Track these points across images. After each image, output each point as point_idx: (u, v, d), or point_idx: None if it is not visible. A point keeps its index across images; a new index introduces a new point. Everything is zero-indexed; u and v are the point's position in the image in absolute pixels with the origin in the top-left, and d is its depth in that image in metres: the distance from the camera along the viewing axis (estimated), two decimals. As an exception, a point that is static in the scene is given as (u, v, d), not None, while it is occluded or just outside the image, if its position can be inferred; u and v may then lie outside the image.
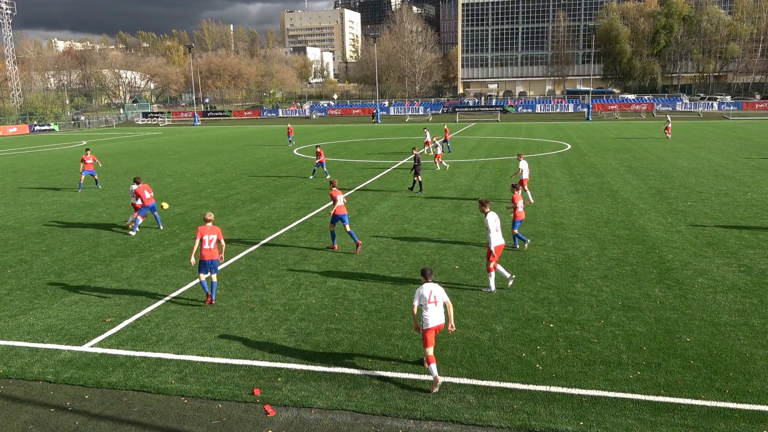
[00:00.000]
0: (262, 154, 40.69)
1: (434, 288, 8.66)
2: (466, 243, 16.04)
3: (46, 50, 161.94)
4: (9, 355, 9.86)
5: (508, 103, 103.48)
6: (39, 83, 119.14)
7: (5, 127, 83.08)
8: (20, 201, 25.03)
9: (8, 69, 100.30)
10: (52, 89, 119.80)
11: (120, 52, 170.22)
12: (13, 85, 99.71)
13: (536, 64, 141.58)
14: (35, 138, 72.72)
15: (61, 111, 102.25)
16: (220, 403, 8.17)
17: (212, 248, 11.71)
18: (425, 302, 8.58)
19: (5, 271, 14.66)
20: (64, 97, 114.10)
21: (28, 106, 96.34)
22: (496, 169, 30.33)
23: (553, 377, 8.60)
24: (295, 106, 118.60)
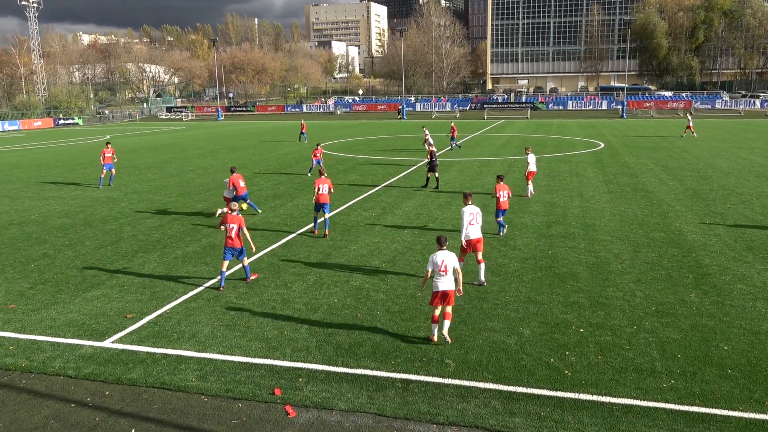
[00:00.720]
0: (285, 150, 40.97)
1: (447, 256, 9.73)
2: (492, 244, 15.93)
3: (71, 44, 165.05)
4: (31, 349, 10.08)
5: (538, 99, 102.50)
6: (64, 77, 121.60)
7: (30, 121, 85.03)
8: (44, 195, 25.58)
9: (34, 62, 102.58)
10: (77, 83, 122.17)
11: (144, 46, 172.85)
12: (38, 78, 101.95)
13: (568, 59, 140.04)
14: (59, 132, 74.26)
15: (85, 105, 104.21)
16: (240, 402, 8.25)
17: (233, 237, 12.52)
18: (437, 269, 9.70)
19: (28, 265, 15.00)
20: (88, 91, 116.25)
21: (53, 99, 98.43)
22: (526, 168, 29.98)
23: (583, 384, 8.50)
24: (320, 101, 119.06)
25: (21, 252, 16.29)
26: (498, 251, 15.20)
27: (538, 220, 18.62)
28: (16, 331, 10.84)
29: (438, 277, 9.72)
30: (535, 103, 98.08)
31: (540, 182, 25.63)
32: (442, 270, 9.68)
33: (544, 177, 27.11)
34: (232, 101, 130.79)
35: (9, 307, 12.07)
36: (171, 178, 29.60)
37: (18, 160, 40.77)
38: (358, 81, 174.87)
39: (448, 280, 9.71)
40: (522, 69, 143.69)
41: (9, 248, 16.71)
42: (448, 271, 9.70)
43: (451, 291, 9.76)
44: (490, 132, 55.31)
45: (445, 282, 9.69)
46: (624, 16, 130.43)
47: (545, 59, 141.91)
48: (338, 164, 33.37)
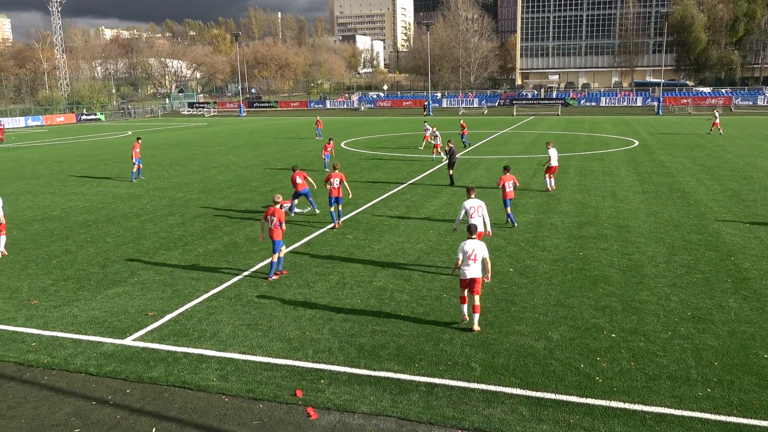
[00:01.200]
0: (308, 147, 41.19)
1: (477, 246, 10.35)
2: (521, 245, 15.84)
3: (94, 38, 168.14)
4: (53, 345, 10.30)
5: (570, 95, 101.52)
6: (86, 72, 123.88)
7: (53, 116, 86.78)
8: (66, 191, 26.09)
9: (57, 57, 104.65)
10: (99, 78, 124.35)
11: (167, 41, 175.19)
12: (61, 73, 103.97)
13: (602, 53, 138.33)
14: (82, 127, 75.66)
15: (107, 100, 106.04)
16: (261, 403, 8.33)
17: (272, 228, 13.16)
18: (467, 257, 10.32)
19: (51, 261, 15.32)
20: (111, 86, 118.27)
21: (75, 95, 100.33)
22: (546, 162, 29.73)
23: (614, 391, 8.41)
24: (343, 97, 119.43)
25: (43, 248, 16.65)
26: (527, 252, 15.10)
27: (568, 220, 18.46)
28: (39, 327, 11.09)
29: (466, 265, 10.35)
30: (566, 99, 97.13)
31: (571, 181, 25.40)
32: (472, 258, 10.31)
33: (575, 176, 26.86)
34: (254, 97, 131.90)
35: (31, 303, 12.35)
36: (193, 175, 29.97)
37: (41, 155, 41.64)
38: (382, 76, 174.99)
39: (476, 268, 10.36)
40: (553, 64, 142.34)
41: (32, 244, 17.09)
42: (477, 260, 10.33)
43: (479, 278, 10.39)
44: (519, 129, 54.93)
45: (472, 270, 10.34)
46: (661, 9, 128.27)
47: (577, 54, 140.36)
48: (362, 161, 33.45)
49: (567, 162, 31.38)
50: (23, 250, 16.45)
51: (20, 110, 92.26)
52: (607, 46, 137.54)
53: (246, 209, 21.26)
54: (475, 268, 10.33)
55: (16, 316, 11.67)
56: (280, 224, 13.20)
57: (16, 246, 16.91)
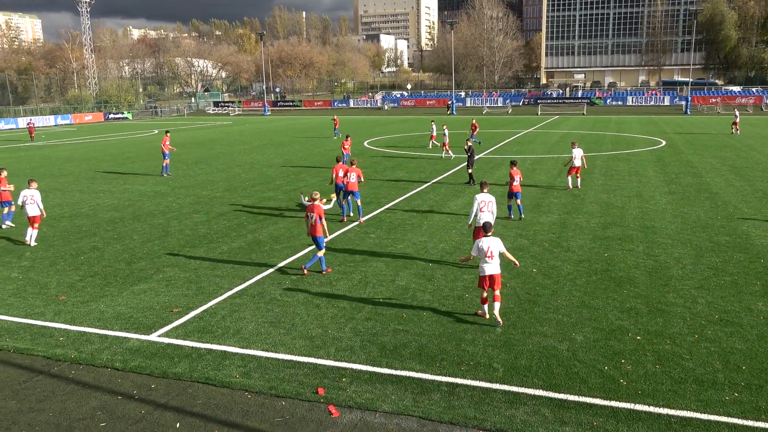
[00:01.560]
0: (331, 146, 41.33)
1: (492, 242, 10.58)
2: (545, 245, 15.72)
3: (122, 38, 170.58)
4: (80, 340, 10.49)
5: (595, 94, 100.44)
6: (114, 71, 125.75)
7: (81, 115, 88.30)
8: (94, 188, 26.53)
9: (85, 57, 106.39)
10: (126, 77, 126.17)
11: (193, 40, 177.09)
12: (89, 73, 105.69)
13: (628, 52, 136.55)
14: (109, 126, 76.84)
15: (135, 99, 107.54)
16: (284, 400, 8.38)
17: (313, 224, 13.51)
18: (483, 255, 10.55)
19: (78, 258, 15.59)
20: (138, 86, 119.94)
21: (103, 94, 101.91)
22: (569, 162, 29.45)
23: (639, 394, 8.31)
24: (367, 96, 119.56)
25: (72, 245, 16.95)
26: (550, 253, 14.99)
27: (593, 221, 18.27)
28: (66, 322, 11.29)
29: (484, 262, 10.57)
30: (592, 99, 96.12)
31: (596, 181, 25.14)
32: (488, 255, 10.53)
33: (600, 176, 26.57)
34: (278, 96, 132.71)
35: (60, 298, 12.58)
36: (218, 174, 30.26)
37: (70, 153, 42.39)
38: (406, 75, 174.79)
39: (494, 265, 10.57)
40: (578, 62, 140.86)
41: (61, 240, 17.41)
42: (494, 257, 10.54)
43: (497, 275, 10.61)
44: (544, 128, 54.50)
45: (491, 266, 10.56)
46: (689, 7, 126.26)
47: (603, 52, 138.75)
48: (385, 161, 33.47)
49: (592, 162, 31.05)
50: (52, 246, 16.76)
51: (50, 109, 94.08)
52: (634, 45, 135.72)
53: (269, 207, 21.41)
54: (493, 264, 10.54)
55: (45, 311, 11.91)
56: (320, 220, 13.46)
57: (45, 242, 17.24)
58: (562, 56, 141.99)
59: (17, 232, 18.47)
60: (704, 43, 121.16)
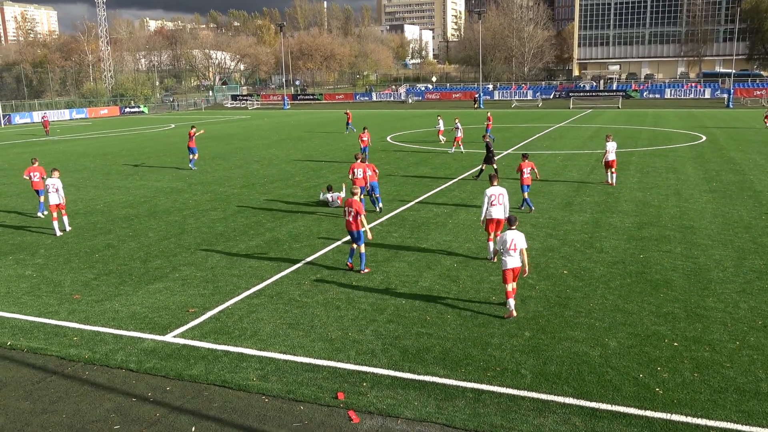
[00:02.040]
0: (353, 141, 41.39)
1: (516, 236, 10.96)
2: (576, 246, 15.58)
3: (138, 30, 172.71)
4: (95, 340, 10.65)
5: (631, 87, 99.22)
6: (130, 64, 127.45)
7: (97, 109, 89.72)
8: (109, 184, 26.92)
9: (101, 49, 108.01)
10: (143, 70, 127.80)
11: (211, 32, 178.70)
12: (105, 66, 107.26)
13: (667, 42, 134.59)
14: (125, 120, 77.92)
15: (151, 93, 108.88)
16: (302, 404, 8.43)
17: (350, 220, 13.58)
18: (505, 248, 10.98)
19: (93, 255, 15.84)
20: (154, 79, 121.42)
21: (119, 87, 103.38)
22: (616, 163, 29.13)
23: (675, 404, 8.19)
24: (390, 89, 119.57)
25: (86, 242, 17.22)
26: (582, 254, 14.85)
27: (628, 220, 18.07)
28: (80, 321, 11.48)
29: (507, 256, 11.00)
30: (627, 91, 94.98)
31: (632, 179, 24.84)
32: (511, 248, 10.98)
33: (636, 173, 26.25)
34: (298, 89, 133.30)
35: (74, 297, 12.79)
36: (235, 170, 30.50)
37: (85, 149, 43.07)
38: (431, 67, 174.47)
39: (516, 258, 11.01)
40: (613, 53, 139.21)
41: (75, 238, 17.70)
42: (516, 250, 10.99)
43: (518, 268, 11.06)
44: (576, 123, 54.01)
45: (513, 260, 11.00)
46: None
47: (640, 42, 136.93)
48: (409, 156, 33.45)
49: (628, 158, 30.70)
50: (66, 244, 17.05)
51: (65, 103, 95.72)
52: (672, 34, 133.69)
53: (289, 204, 21.52)
54: (515, 258, 11.01)
55: (59, 309, 12.12)
56: (358, 215, 13.51)
57: (60, 239, 17.55)
58: (595, 47, 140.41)
59: (33, 227, 18.82)
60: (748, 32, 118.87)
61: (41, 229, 18.79)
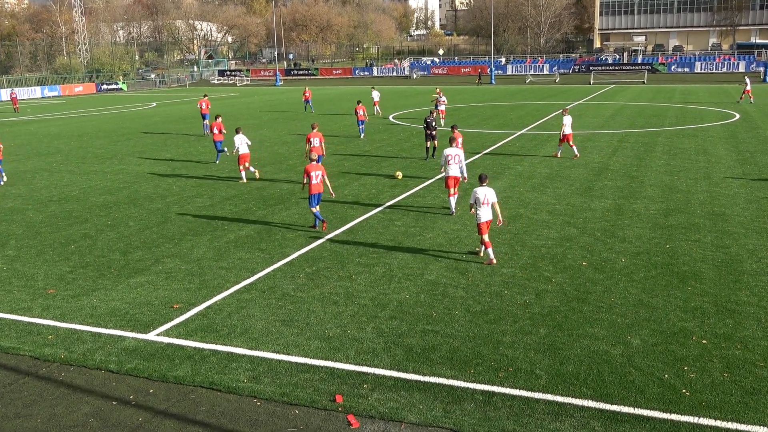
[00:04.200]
0: (352, 120, 41.32)
1: (487, 191, 13.57)
2: (597, 235, 15.60)
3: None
4: (71, 339, 10.71)
5: (658, 60, 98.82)
6: (107, 36, 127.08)
7: (71, 86, 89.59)
8: (85, 169, 26.95)
9: (75, 20, 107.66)
10: (121, 43, 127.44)
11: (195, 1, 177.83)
12: (79, 38, 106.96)
13: (697, 10, 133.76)
14: (102, 98, 77.83)
15: (130, 68, 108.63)
16: (297, 408, 8.49)
17: (319, 183, 15.90)
18: (479, 203, 13.49)
19: (69, 247, 15.89)
20: (133, 53, 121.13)
21: (95, 62, 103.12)
22: (640, 144, 29.17)
23: (704, 406, 8.24)
24: (393, 63, 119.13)
25: (61, 232, 17.27)
26: (603, 244, 14.87)
27: (653, 207, 18.07)
28: (56, 318, 11.54)
29: (480, 210, 13.51)
30: (653, 65, 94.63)
31: (657, 161, 24.82)
32: (484, 203, 13.50)
33: (662, 155, 26.22)
34: (292, 63, 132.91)
35: (48, 292, 12.86)
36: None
37: (59, 129, 43.07)
38: (438, 39, 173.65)
39: (488, 211, 13.55)
40: (638, 23, 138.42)
41: (48, 227, 17.75)
42: (489, 203, 13.54)
43: (490, 220, 13.60)
44: (597, 100, 53.86)
45: (486, 213, 13.54)
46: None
47: (668, 11, 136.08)
48: (412, 137, 33.41)
49: (653, 139, 30.65)
50: (39, 234, 17.11)
51: (36, 79, 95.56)
52: (704, 2, 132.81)
53: (282, 190, 21.55)
54: (487, 211, 13.53)
55: (32, 305, 12.18)
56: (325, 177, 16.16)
57: (32, 229, 17.60)
58: (619, 15, 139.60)
59: (1, 215, 18.88)
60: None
61: (12, 218, 18.84)
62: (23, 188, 23.23)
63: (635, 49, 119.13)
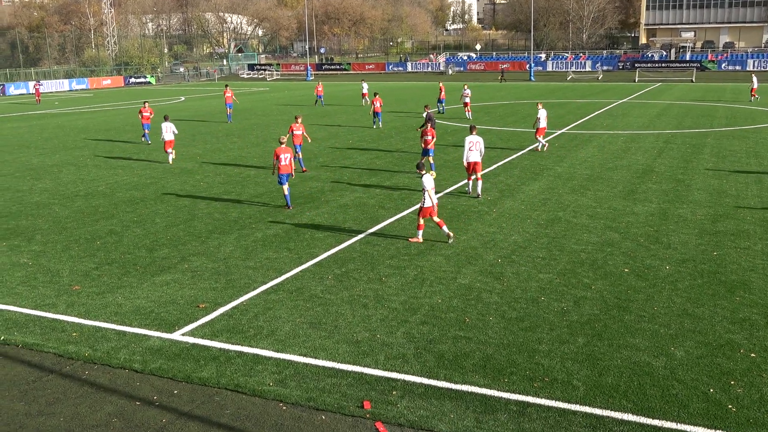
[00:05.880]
0: (385, 118, 41.39)
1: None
2: (639, 240, 15.41)
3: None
4: (95, 337, 10.89)
5: (707, 57, 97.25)
6: (136, 28, 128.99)
7: (99, 79, 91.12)
8: (112, 164, 27.39)
9: (104, 12, 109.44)
10: (150, 36, 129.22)
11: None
12: (108, 30, 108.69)
13: (750, 5, 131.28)
14: (130, 92, 79.02)
15: (159, 61, 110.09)
16: (324, 414, 8.52)
17: (288, 164, 18.45)
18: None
19: (94, 243, 16.17)
20: (162, 45, 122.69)
21: (124, 54, 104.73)
22: (687, 145, 28.75)
23: (751, 423, 8.10)
24: (428, 59, 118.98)
25: (87, 227, 17.58)
26: (646, 250, 14.69)
27: (700, 211, 17.80)
28: (80, 315, 11.75)
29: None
30: (703, 62, 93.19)
31: (705, 164, 24.44)
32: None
33: (711, 157, 25.81)
34: (323, 58, 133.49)
35: (73, 288, 13.09)
36: (251, 148, 30.76)
37: (86, 123, 43.84)
38: (475, 34, 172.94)
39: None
40: (687, 18, 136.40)
41: (74, 223, 18.07)
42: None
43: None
44: (642, 98, 53.20)
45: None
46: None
47: (719, 5, 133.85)
48: (447, 135, 33.33)
49: (701, 140, 30.17)
50: (65, 229, 17.42)
51: (64, 72, 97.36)
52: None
53: (311, 188, 21.65)
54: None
55: (57, 302, 12.41)
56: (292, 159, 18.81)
57: (58, 224, 17.94)
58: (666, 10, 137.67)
59: (29, 210, 19.28)
60: None
61: (38, 213, 19.22)
62: (50, 182, 23.68)
63: (683, 45, 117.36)
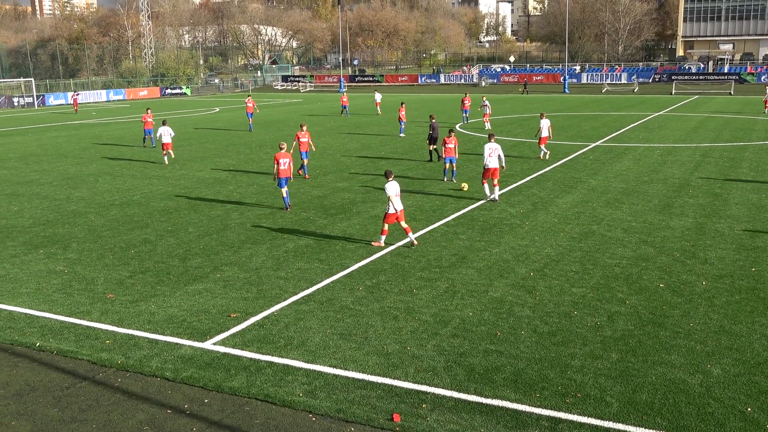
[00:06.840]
0: (417, 130, 41.44)
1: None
2: (675, 255, 15.19)
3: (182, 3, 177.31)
4: (128, 345, 11.04)
5: (746, 69, 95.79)
6: (173, 40, 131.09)
7: (136, 90, 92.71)
8: (147, 173, 27.80)
9: (142, 24, 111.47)
10: (186, 47, 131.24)
11: (261, 5, 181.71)
12: (146, 42, 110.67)
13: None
14: (166, 102, 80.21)
15: (194, 72, 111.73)
16: (353, 425, 8.52)
17: (286, 168, 19.67)
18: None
19: (129, 251, 16.40)
20: (198, 57, 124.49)
21: (160, 65, 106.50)
22: (725, 159, 28.31)
23: (791, 445, 7.90)
24: (461, 70, 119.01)
25: (121, 236, 17.85)
26: (682, 265, 14.47)
27: (738, 226, 17.50)
28: (114, 323, 11.92)
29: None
30: (741, 75, 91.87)
31: (744, 178, 24.03)
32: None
33: (749, 171, 25.38)
34: (357, 69, 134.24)
35: (107, 296, 13.29)
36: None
37: (122, 133, 44.58)
38: (509, 46, 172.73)
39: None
40: (726, 29, 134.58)
41: (110, 231, 18.36)
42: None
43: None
44: (679, 111, 52.56)
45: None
46: None
47: (759, 16, 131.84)
48: (480, 148, 33.16)
49: (740, 153, 29.69)
50: (101, 238, 17.71)
51: (102, 83, 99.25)
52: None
53: (343, 200, 21.73)
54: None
55: (91, 309, 12.61)
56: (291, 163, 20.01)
57: (94, 232, 18.24)
58: (704, 22, 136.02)
59: (65, 218, 19.64)
60: None
61: (74, 221, 19.57)
62: (86, 191, 24.11)
63: (721, 57, 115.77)
